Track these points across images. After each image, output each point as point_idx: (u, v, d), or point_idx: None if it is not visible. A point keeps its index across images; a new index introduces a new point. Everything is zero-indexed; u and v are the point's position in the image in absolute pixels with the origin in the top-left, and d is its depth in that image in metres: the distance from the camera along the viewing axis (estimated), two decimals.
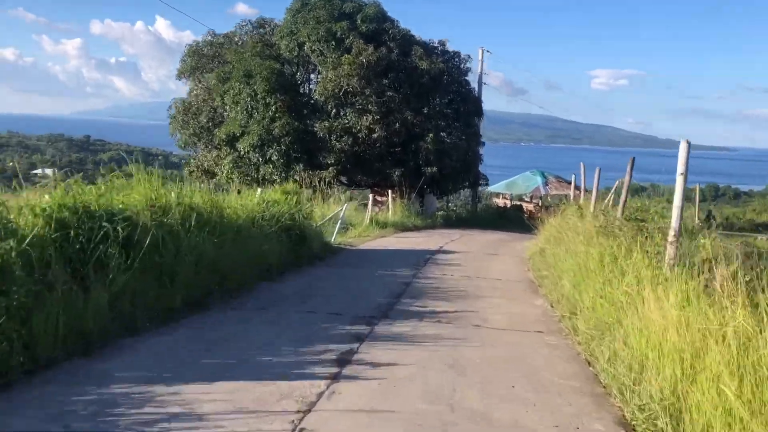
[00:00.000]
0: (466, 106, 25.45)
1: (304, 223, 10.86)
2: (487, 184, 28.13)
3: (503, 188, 39.72)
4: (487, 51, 28.82)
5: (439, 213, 29.73)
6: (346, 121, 22.23)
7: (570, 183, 39.86)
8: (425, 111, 23.83)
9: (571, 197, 39.99)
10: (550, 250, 12.03)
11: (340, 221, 15.93)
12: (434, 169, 22.55)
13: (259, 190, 11.27)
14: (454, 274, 10.64)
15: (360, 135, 22.04)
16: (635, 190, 18.03)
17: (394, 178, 22.30)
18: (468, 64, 25.87)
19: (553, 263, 10.81)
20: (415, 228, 20.50)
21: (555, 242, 12.62)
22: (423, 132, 22.86)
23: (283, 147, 21.70)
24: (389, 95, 22.26)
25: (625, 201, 10.04)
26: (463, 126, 25.19)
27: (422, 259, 12.50)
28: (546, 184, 38.63)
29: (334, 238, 15.14)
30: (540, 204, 38.40)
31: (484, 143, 26.51)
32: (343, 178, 24.74)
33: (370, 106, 22.00)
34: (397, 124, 22.09)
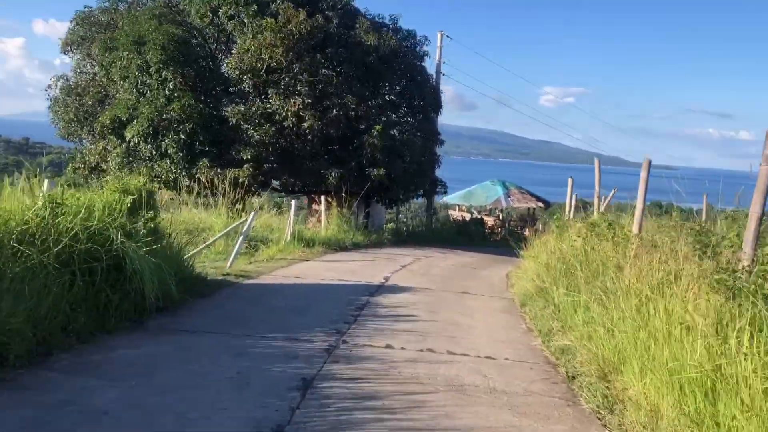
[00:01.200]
0: (422, 96, 20.75)
1: (130, 249, 5.70)
2: (446, 192, 23.43)
3: (460, 199, 35.31)
4: (447, 36, 24.31)
5: (388, 226, 24.94)
6: (268, 106, 17.10)
7: (534, 195, 35.94)
8: (372, 99, 18.95)
9: (534, 210, 35.91)
10: (563, 296, 7.32)
11: (240, 238, 10.82)
12: (382, 171, 17.67)
13: (46, 183, 6.04)
14: (407, 349, 5.70)
15: (286, 124, 16.94)
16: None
17: (331, 181, 17.29)
18: (425, 47, 21.23)
19: (582, 326, 6.08)
20: (355, 247, 15.53)
21: (565, 276, 7.95)
22: (369, 125, 17.98)
23: (182, 136, 16.35)
24: (325, 74, 17.26)
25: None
26: (418, 120, 20.44)
27: (355, 305, 7.54)
28: (508, 195, 34.46)
29: (230, 263, 10.04)
30: (501, 218, 34.18)
31: (443, 142, 21.84)
32: (276, 183, 19.57)
33: (299, 87, 16.95)
34: (335, 111, 17.12)
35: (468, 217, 32.56)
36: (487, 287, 10.57)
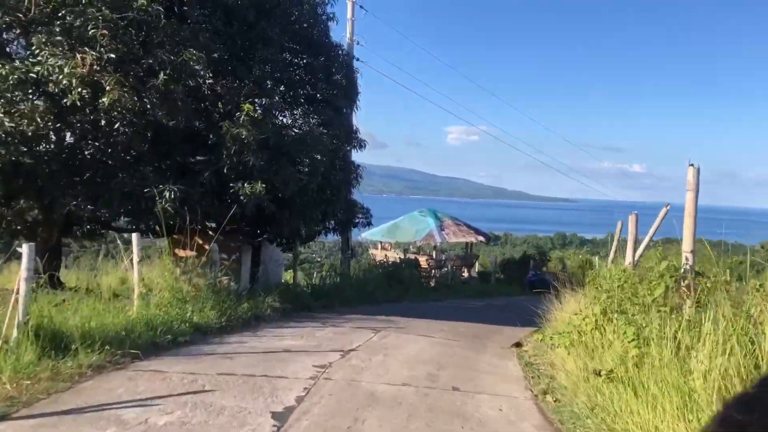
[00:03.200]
0: (329, 72, 13.28)
1: None
2: (369, 223, 15.78)
3: (383, 235, 27.94)
4: (361, 7, 17.15)
5: (286, 272, 17.13)
6: (30, 64, 8.85)
7: (472, 228, 29.24)
8: (244, 69, 11.13)
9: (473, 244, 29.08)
10: None
11: None
12: (259, 187, 9.79)
13: None
14: None
15: (70, 98, 8.77)
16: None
17: (164, 206, 9.21)
18: (331, 7, 13.82)
19: None
20: (204, 336, 7.47)
21: None
22: (234, 107, 10.18)
23: None
24: (146, 10, 9.31)
25: None
26: (322, 111, 12.80)
27: None
28: (441, 228, 27.49)
29: None
30: (436, 256, 27.08)
31: (363, 145, 14.29)
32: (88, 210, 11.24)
33: (92, 30, 8.87)
34: (163, 76, 9.11)
35: (396, 256, 25.19)
36: None
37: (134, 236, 8.30)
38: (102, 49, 8.92)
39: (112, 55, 8.97)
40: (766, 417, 0.78)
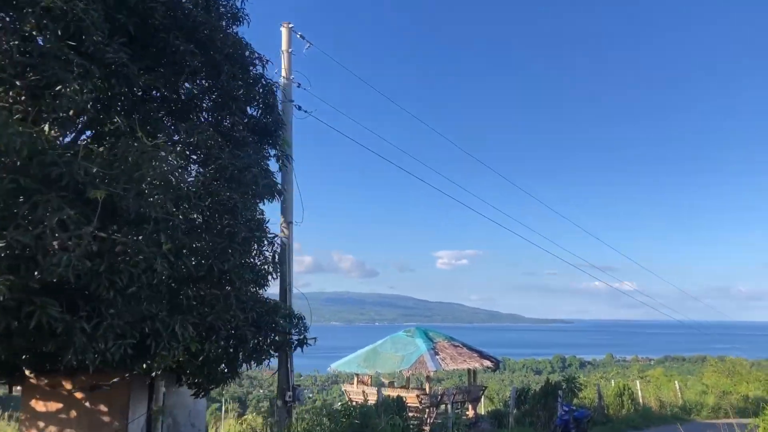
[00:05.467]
0: (243, 110, 8.04)
1: None
2: (304, 343, 9.63)
3: (359, 365, 21.46)
4: (301, 37, 12.32)
5: None
6: None
7: (475, 350, 22.89)
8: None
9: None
10: None
11: None
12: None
13: None
14: None
15: None
16: None
17: None
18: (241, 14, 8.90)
19: None
20: None
21: None
22: None
23: None
24: None
25: None
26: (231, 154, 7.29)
27: None
28: (435, 351, 21.17)
29: None
30: (427, 390, 20.49)
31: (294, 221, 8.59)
32: None
33: None
34: None
35: (373, 394, 18.69)
36: None
37: None
38: None
39: None
40: None
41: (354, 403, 15.60)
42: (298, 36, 12.16)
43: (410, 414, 19.76)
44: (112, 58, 6.32)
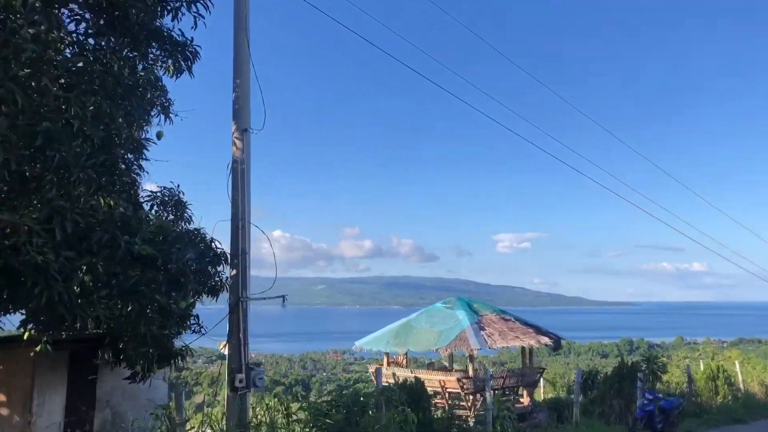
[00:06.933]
0: None
1: None
2: (279, 297, 6.36)
3: (388, 342, 18.06)
4: None
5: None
6: None
7: (530, 325, 18.77)
8: None
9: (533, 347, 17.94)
10: None
11: None
12: None
13: None
14: None
15: None
16: None
17: None
18: None
19: None
20: None
21: None
22: None
23: None
24: None
25: None
26: None
27: None
28: (480, 326, 17.53)
29: None
30: (470, 372, 16.89)
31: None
32: None
33: None
34: None
35: (404, 376, 15.32)
36: None
37: None
38: None
39: None
40: None
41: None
42: None
43: (451, 402, 16.26)
44: None
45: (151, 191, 7.80)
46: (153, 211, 7.69)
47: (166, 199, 7.82)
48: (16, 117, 4.57)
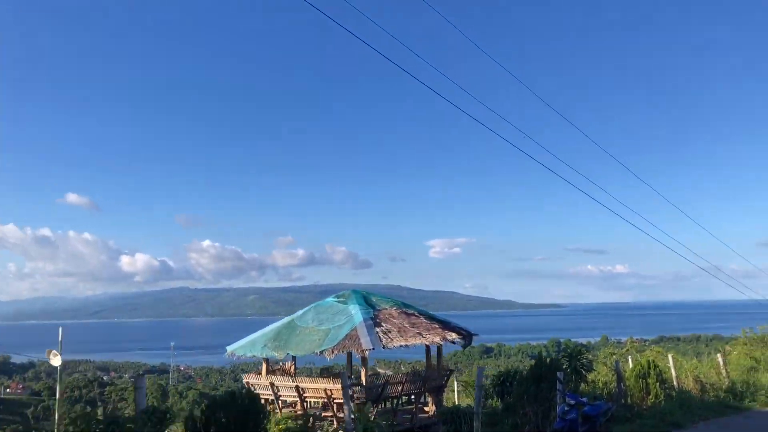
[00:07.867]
0: None
1: None
2: None
3: (265, 346, 14.68)
4: None
5: None
6: None
7: (437, 319, 15.55)
8: None
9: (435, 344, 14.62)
10: None
11: None
12: None
13: None
14: None
15: None
16: None
17: None
18: None
19: None
20: None
21: None
22: None
23: None
24: None
25: None
26: None
27: None
28: (376, 321, 14.49)
29: None
30: (363, 379, 13.79)
31: None
32: None
33: None
34: None
35: (286, 386, 12.00)
36: None
37: None
38: None
39: None
40: None
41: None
42: None
43: (325, 415, 13.14)
44: None
45: None
46: None
47: None
48: None
